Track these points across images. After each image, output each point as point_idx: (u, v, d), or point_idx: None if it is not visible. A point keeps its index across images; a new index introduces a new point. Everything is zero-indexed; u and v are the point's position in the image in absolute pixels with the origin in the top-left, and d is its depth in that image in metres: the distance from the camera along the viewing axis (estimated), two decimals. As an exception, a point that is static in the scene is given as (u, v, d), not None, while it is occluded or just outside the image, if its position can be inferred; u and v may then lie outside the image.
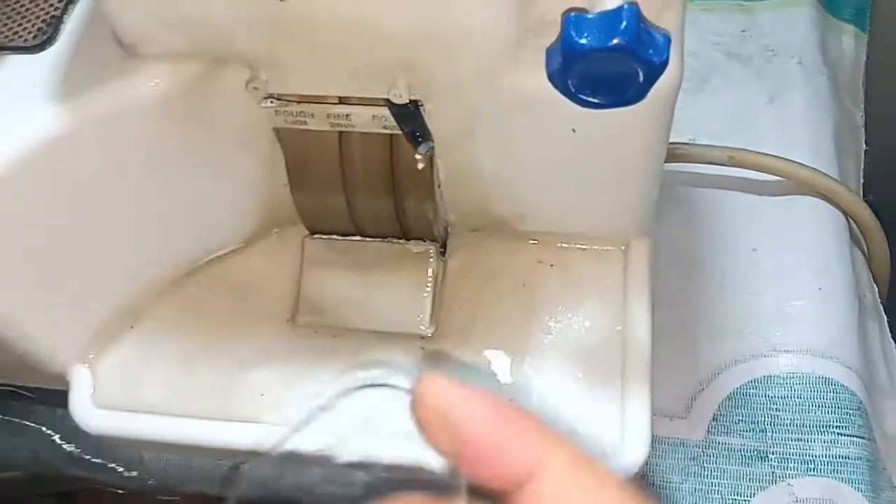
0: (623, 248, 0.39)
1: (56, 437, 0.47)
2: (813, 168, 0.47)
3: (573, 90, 0.26)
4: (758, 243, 0.47)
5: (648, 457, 0.36)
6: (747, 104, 0.52)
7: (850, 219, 0.49)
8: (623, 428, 0.36)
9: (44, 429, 0.47)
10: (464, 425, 0.24)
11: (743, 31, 0.56)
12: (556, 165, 0.35)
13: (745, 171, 0.48)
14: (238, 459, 0.38)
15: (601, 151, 0.34)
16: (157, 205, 0.38)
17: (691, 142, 0.49)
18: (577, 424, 0.36)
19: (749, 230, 0.48)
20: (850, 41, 0.57)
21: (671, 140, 0.34)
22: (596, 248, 0.40)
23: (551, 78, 0.26)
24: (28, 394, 0.46)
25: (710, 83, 0.53)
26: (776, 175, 0.47)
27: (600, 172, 0.35)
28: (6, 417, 0.47)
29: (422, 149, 0.34)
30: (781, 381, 0.44)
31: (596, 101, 0.27)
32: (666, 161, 0.35)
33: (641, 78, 0.25)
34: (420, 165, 0.36)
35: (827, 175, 0.47)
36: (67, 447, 0.47)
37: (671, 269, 0.47)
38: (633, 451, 0.35)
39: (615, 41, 0.24)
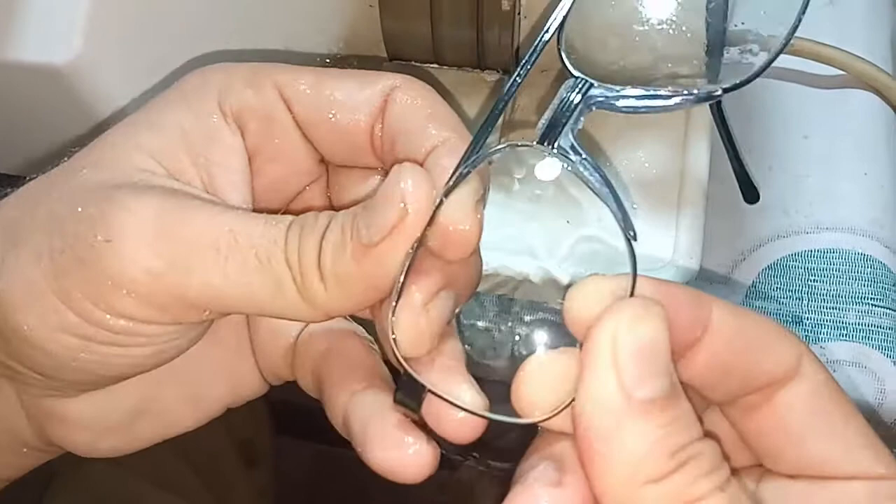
0: (687, 92, 0.41)
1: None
2: (868, 61, 0.48)
3: None
4: (809, 131, 0.49)
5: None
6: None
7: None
8: (675, 244, 0.38)
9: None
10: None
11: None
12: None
13: (802, 63, 0.50)
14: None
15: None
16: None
17: (752, 34, 0.51)
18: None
19: (801, 119, 0.50)
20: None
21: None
22: (661, 90, 0.42)
23: None
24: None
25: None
26: (832, 66, 0.49)
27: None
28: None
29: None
30: (821, 256, 0.46)
31: None
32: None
33: None
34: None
35: (881, 69, 0.49)
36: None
37: (724, 149, 0.49)
38: (682, 265, 0.37)
39: None
